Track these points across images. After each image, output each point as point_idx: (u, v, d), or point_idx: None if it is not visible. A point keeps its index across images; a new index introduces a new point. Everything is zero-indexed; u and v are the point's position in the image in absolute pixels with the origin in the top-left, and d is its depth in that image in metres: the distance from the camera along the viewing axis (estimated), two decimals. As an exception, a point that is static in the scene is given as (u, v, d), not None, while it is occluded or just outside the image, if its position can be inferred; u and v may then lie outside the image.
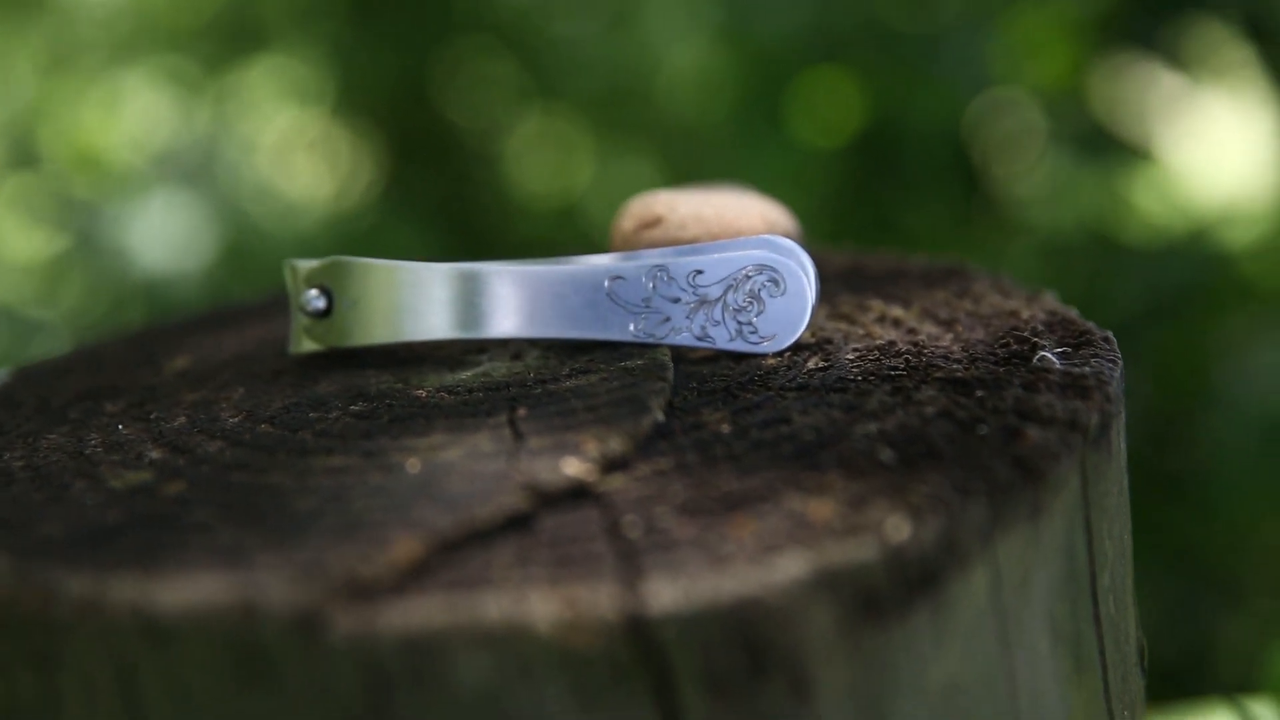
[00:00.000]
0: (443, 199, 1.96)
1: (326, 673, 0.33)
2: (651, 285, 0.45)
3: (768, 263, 0.44)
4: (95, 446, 0.43)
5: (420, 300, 0.45)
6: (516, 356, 0.47)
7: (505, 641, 0.32)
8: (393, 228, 1.83)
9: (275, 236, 1.81)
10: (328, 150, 1.99)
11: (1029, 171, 1.55)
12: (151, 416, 0.45)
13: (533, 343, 0.47)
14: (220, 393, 0.47)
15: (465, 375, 0.45)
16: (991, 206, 1.55)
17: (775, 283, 0.44)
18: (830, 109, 1.54)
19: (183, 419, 0.44)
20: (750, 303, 0.45)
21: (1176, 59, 1.50)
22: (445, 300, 0.45)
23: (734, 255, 0.45)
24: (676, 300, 0.45)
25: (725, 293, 0.45)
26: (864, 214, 1.56)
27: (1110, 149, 1.51)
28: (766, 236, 0.45)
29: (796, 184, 1.50)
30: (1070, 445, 0.38)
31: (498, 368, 0.46)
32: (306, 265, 0.47)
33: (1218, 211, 1.52)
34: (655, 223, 0.48)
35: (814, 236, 0.70)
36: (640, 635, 0.32)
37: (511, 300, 0.45)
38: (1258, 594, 1.44)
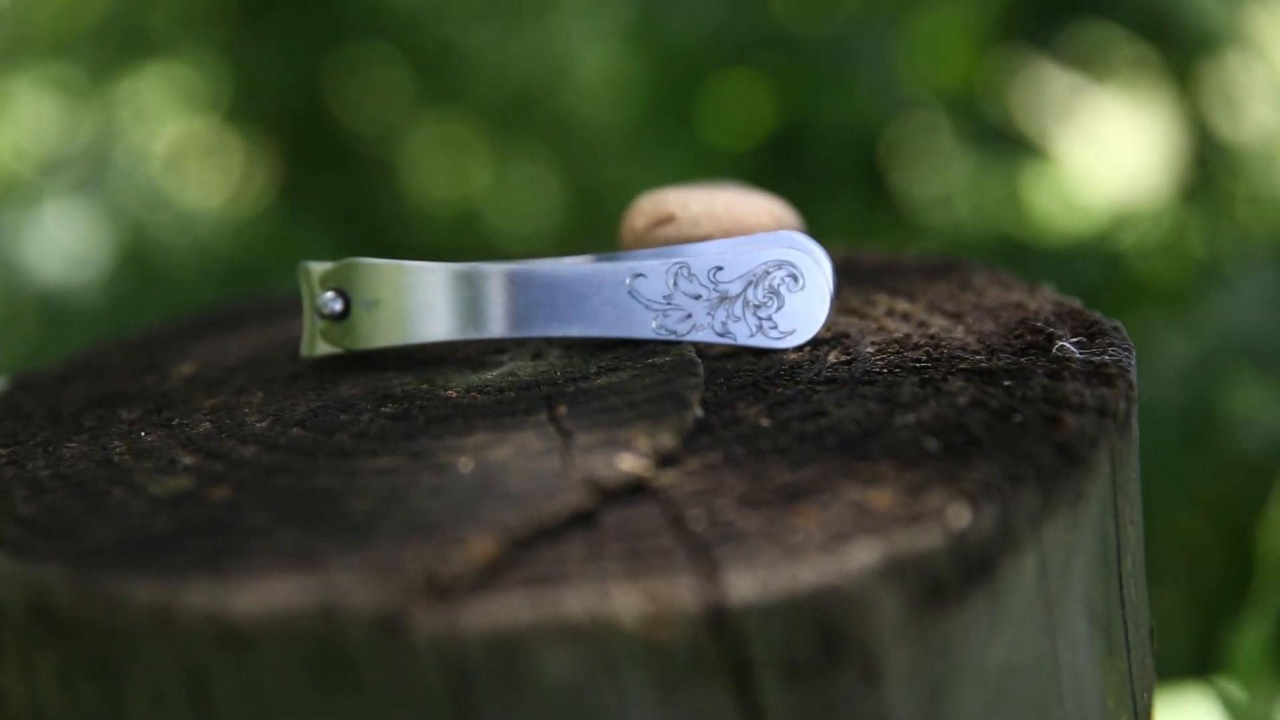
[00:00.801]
0: (340, 205, 1.94)
1: (408, 673, 0.33)
2: (673, 282, 0.45)
3: (787, 258, 0.45)
4: (122, 454, 0.42)
5: (439, 301, 0.45)
6: (537, 356, 0.47)
7: (589, 636, 0.32)
8: (290, 234, 1.81)
9: (172, 245, 1.78)
10: (221, 157, 1.96)
11: (932, 172, 1.57)
12: (173, 423, 0.44)
13: (550, 341, 0.47)
14: (239, 397, 0.46)
15: (491, 375, 0.45)
16: (896, 207, 1.57)
17: (795, 278, 0.45)
18: (740, 112, 1.55)
19: (207, 424, 0.44)
20: (770, 298, 0.45)
21: (1072, 60, 1.53)
22: (465, 301, 0.45)
23: (754, 251, 0.45)
24: (698, 297, 0.45)
25: (745, 289, 0.45)
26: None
27: (1009, 149, 1.54)
28: (783, 232, 0.46)
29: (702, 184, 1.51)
30: (1104, 431, 0.39)
31: (522, 367, 0.46)
32: (320, 267, 0.46)
33: (1113, 210, 1.56)
34: (668, 220, 0.48)
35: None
36: (721, 626, 0.33)
37: (532, 300, 0.45)
38: (1159, 583, 1.47)
